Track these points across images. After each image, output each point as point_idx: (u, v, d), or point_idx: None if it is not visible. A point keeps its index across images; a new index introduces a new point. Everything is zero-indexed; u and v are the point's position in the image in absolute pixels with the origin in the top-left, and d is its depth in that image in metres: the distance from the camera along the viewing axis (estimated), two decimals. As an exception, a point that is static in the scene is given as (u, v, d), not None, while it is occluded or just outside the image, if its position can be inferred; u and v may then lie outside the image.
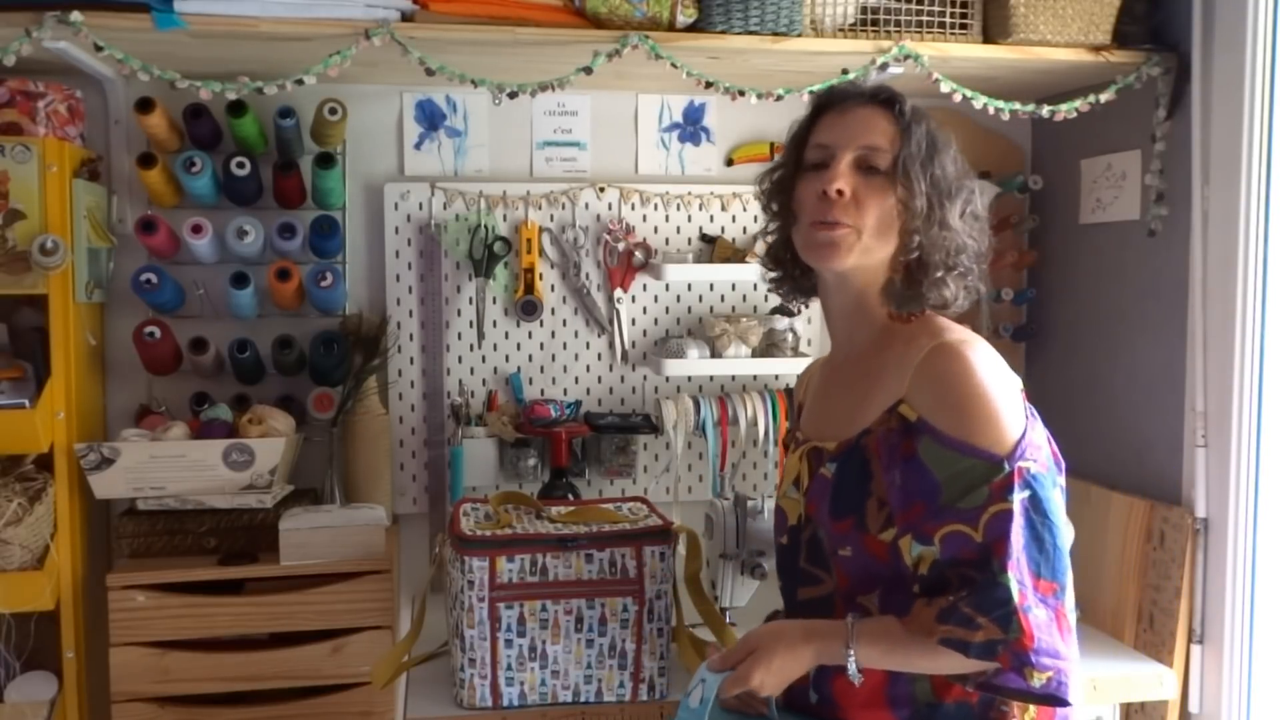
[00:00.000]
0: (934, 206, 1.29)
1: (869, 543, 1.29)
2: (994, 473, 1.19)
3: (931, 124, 1.34)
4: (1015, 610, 1.15)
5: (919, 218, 1.29)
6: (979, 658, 1.17)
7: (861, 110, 1.33)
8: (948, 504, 1.20)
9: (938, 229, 1.30)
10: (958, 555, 1.19)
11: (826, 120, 1.35)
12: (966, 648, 1.17)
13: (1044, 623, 1.17)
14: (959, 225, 1.31)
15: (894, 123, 1.31)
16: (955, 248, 1.31)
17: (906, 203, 1.29)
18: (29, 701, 1.95)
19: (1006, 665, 1.17)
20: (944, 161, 1.32)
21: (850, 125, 1.32)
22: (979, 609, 1.16)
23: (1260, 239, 1.87)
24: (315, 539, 1.92)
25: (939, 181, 1.30)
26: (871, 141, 1.30)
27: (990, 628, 1.16)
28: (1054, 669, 1.17)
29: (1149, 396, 2.15)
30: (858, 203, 1.29)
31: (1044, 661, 1.16)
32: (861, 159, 1.31)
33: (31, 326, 2.05)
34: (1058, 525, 1.22)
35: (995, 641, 1.16)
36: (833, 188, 1.29)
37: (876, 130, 1.31)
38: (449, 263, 2.28)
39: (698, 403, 2.29)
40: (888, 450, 1.26)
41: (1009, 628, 1.15)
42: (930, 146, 1.31)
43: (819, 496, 1.35)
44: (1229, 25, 1.89)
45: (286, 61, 1.90)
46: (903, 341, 1.31)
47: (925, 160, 1.30)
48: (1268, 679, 1.92)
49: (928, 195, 1.29)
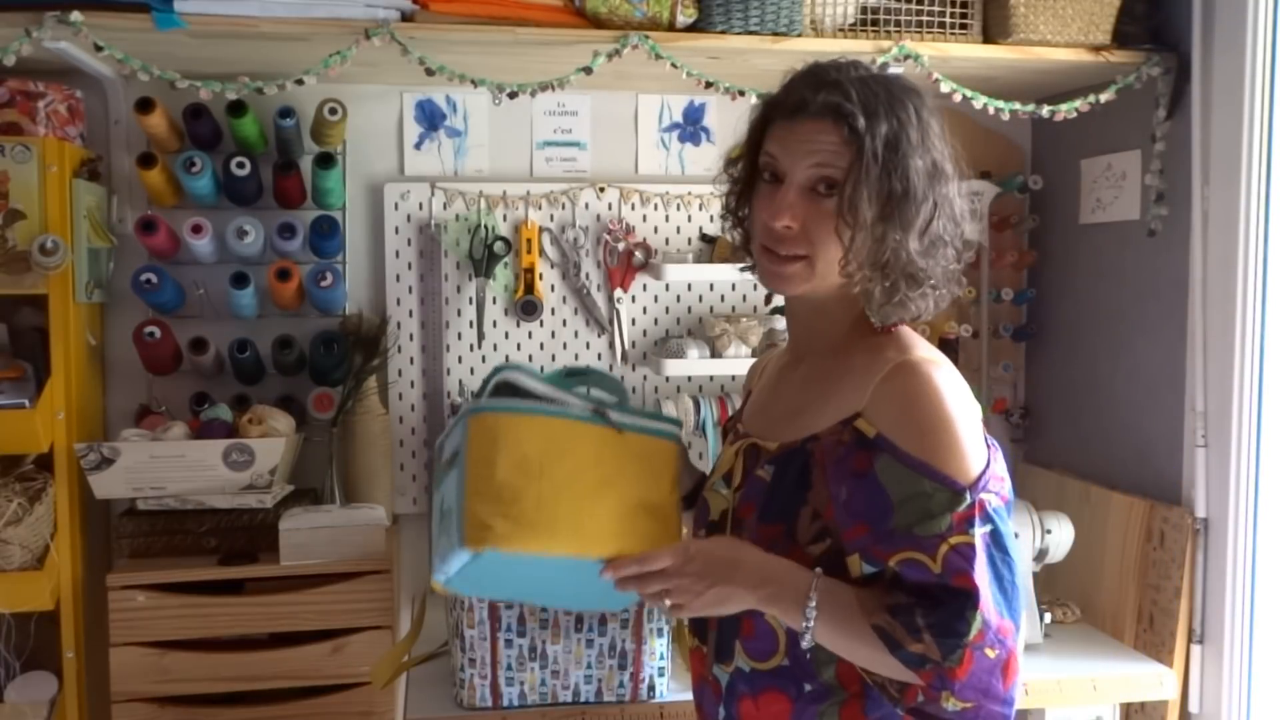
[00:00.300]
0: (885, 236, 1.17)
1: (795, 555, 1.20)
2: (956, 502, 1.13)
3: (899, 119, 1.17)
4: (965, 645, 1.10)
5: (861, 252, 1.18)
6: (904, 663, 1.12)
7: (809, 125, 1.18)
8: (901, 529, 1.13)
9: (889, 257, 1.18)
10: (919, 581, 1.13)
11: (777, 130, 1.22)
12: (896, 647, 1.12)
13: (989, 664, 1.12)
14: (916, 244, 1.18)
15: (845, 137, 1.16)
16: (914, 269, 1.19)
17: (846, 241, 1.16)
18: (29, 701, 1.95)
19: (927, 681, 1.12)
20: (906, 171, 1.16)
21: (797, 144, 1.19)
22: (932, 629, 1.11)
23: (1260, 239, 1.87)
24: (315, 539, 1.92)
25: (894, 202, 1.16)
26: (820, 160, 1.17)
27: (930, 647, 1.11)
28: (977, 703, 1.12)
29: (1149, 396, 2.15)
30: (808, 233, 1.18)
31: (966, 694, 1.11)
32: (812, 180, 1.18)
33: (31, 326, 2.05)
34: (1015, 562, 1.17)
35: (927, 659, 1.11)
36: (779, 224, 1.19)
37: (825, 147, 1.17)
38: (449, 263, 2.28)
39: (698, 403, 2.29)
40: (835, 463, 1.18)
41: (948, 656, 1.10)
42: (888, 161, 1.16)
43: (753, 499, 1.26)
44: (1229, 25, 1.89)
45: (286, 61, 1.90)
46: (865, 352, 1.23)
47: (881, 176, 1.15)
48: (1268, 679, 1.92)
49: (874, 225, 1.17)
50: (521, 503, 1.20)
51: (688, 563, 1.20)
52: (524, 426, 1.24)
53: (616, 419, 1.30)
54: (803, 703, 1.22)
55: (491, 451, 1.22)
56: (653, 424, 1.34)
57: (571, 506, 1.22)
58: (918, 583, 1.13)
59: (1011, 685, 1.15)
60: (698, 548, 1.23)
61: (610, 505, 1.24)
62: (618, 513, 1.24)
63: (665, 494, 1.31)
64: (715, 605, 1.20)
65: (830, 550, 1.19)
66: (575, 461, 1.24)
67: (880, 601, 1.15)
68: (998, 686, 1.13)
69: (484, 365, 2.30)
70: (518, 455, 1.22)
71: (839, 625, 1.16)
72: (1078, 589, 2.23)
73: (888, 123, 1.17)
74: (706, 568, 1.20)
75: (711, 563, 1.20)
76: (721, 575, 1.19)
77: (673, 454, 1.34)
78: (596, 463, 1.25)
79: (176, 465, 1.94)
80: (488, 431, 1.23)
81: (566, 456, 1.24)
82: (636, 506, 1.26)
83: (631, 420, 1.32)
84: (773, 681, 1.23)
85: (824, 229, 1.18)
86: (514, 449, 1.22)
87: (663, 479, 1.31)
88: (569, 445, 1.25)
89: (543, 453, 1.23)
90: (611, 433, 1.29)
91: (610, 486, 1.25)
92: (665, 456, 1.33)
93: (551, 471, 1.22)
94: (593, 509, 1.23)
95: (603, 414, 1.29)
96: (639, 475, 1.28)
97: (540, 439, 1.24)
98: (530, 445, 1.23)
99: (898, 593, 1.15)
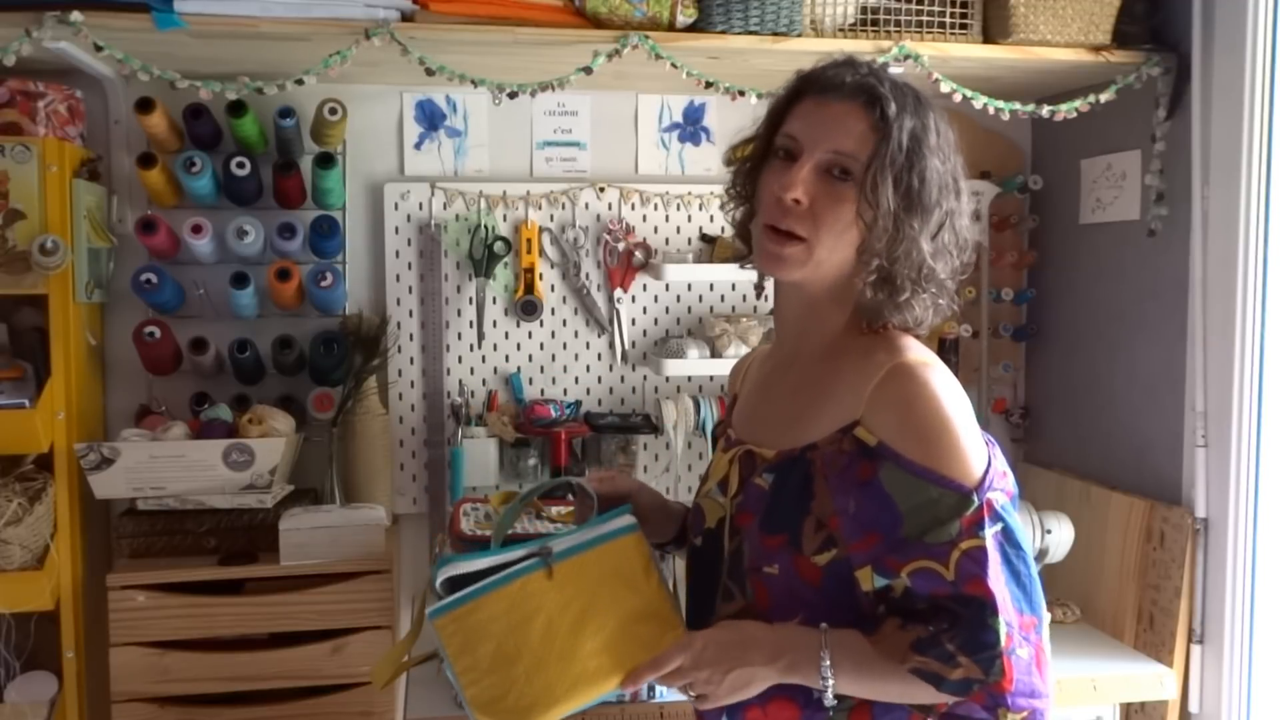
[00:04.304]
0: (902, 224, 1.16)
1: (799, 564, 1.19)
2: (964, 506, 1.12)
3: (923, 121, 1.19)
4: (1000, 654, 1.10)
5: (881, 237, 1.16)
6: (952, 693, 1.13)
7: (839, 106, 1.18)
8: (912, 538, 1.12)
9: (903, 248, 1.17)
10: (933, 592, 1.13)
11: (803, 108, 1.21)
12: (940, 682, 1.12)
13: (1025, 664, 1.12)
14: (928, 245, 1.18)
15: (872, 125, 1.16)
16: (924, 269, 1.19)
17: (869, 221, 1.16)
18: (29, 701, 1.95)
19: (980, 703, 1.12)
20: (924, 171, 1.17)
21: (823, 123, 1.18)
22: (963, 649, 1.11)
23: (1260, 239, 1.87)
24: (315, 539, 1.92)
25: (913, 194, 1.16)
26: (841, 146, 1.16)
27: (971, 668, 1.11)
28: (1029, 709, 1.12)
29: (1149, 396, 2.15)
30: (815, 214, 1.17)
31: (1019, 703, 1.11)
32: (828, 163, 1.17)
33: (31, 326, 2.05)
34: (1029, 555, 1.17)
35: (972, 681, 1.11)
36: (788, 195, 1.17)
37: (850, 133, 1.16)
38: (449, 263, 2.28)
39: (698, 403, 2.29)
40: (839, 474, 1.17)
41: (990, 670, 1.10)
42: (911, 153, 1.16)
43: (752, 508, 1.24)
44: (1229, 25, 1.89)
45: (286, 61, 1.90)
46: (858, 354, 1.21)
47: (902, 169, 1.15)
48: (1268, 679, 1.92)
49: (895, 214, 1.15)
50: (515, 689, 1.19)
51: (700, 655, 1.19)
52: (482, 610, 1.22)
53: (560, 549, 1.26)
54: (811, 710, 1.21)
55: (468, 650, 1.21)
56: (603, 529, 1.30)
57: (560, 665, 1.20)
58: (930, 594, 1.13)
59: (1047, 677, 1.15)
60: (704, 639, 1.21)
61: (597, 639, 1.22)
62: (607, 641, 1.22)
63: (646, 592, 1.27)
64: (739, 689, 1.19)
65: (837, 559, 1.18)
66: (544, 619, 1.22)
67: (902, 641, 1.14)
68: (1039, 684, 1.14)
69: (484, 365, 2.31)
70: (491, 645, 1.21)
71: (861, 674, 1.16)
72: (1078, 589, 2.23)
73: (915, 119, 1.18)
74: (719, 656, 1.19)
75: (723, 650, 1.19)
76: (736, 659, 1.18)
77: (635, 546, 1.29)
78: (564, 606, 1.23)
79: (176, 465, 1.94)
80: (455, 633, 1.22)
81: (534, 619, 1.22)
82: (626, 621, 1.24)
83: (578, 540, 1.28)
84: (781, 689, 1.21)
85: (830, 213, 1.17)
86: (485, 640, 1.21)
87: (637, 578, 1.27)
88: (532, 607, 1.23)
89: (510, 628, 1.21)
90: (570, 564, 1.26)
91: (589, 621, 1.23)
92: (630, 554, 1.29)
93: (527, 643, 1.21)
94: (580, 654, 1.21)
95: (546, 554, 1.26)
96: (613, 591, 1.26)
97: (503, 615, 1.22)
98: (496, 627, 1.21)
99: (913, 625, 1.14)
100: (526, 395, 2.32)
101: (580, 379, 2.35)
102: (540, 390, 2.34)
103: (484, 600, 1.23)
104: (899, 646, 1.14)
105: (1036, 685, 1.13)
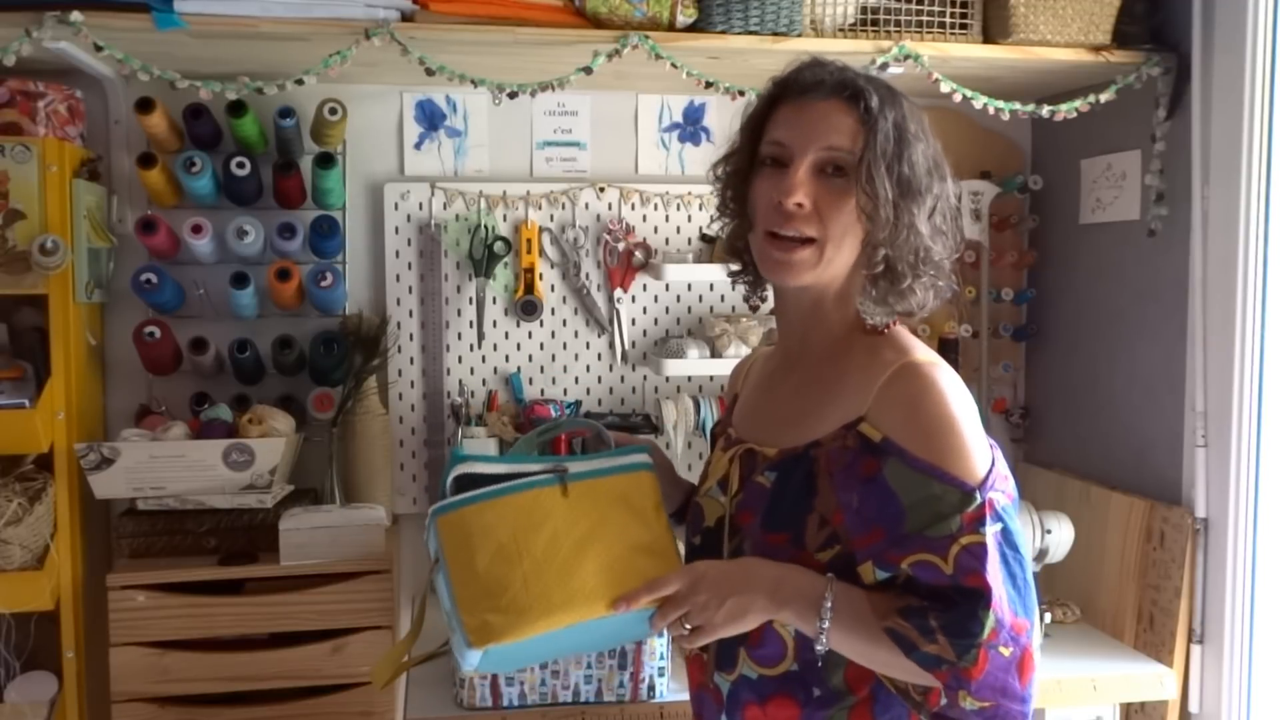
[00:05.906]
0: (900, 212, 1.18)
1: (802, 561, 1.19)
2: (966, 502, 1.13)
3: (901, 110, 1.21)
4: (979, 645, 1.10)
5: (884, 227, 1.18)
6: (919, 664, 1.12)
7: (822, 105, 1.20)
8: (913, 532, 1.13)
9: (904, 235, 1.19)
10: (932, 583, 1.13)
11: (784, 113, 1.23)
12: (911, 649, 1.12)
13: (1003, 662, 1.12)
14: (925, 228, 1.20)
15: (858, 119, 1.18)
16: (923, 252, 1.21)
17: (870, 212, 1.18)
18: (29, 701, 1.95)
19: (944, 682, 1.12)
20: (913, 157, 1.19)
21: (810, 124, 1.20)
22: (945, 629, 1.11)
23: (1260, 239, 1.87)
24: (315, 539, 1.92)
25: (906, 182, 1.18)
26: (833, 142, 1.18)
27: (945, 648, 1.11)
28: (995, 703, 1.12)
29: (1149, 396, 2.15)
30: (819, 214, 1.18)
31: (984, 693, 1.11)
32: (822, 162, 1.19)
33: (31, 326, 2.05)
34: (1026, 559, 1.17)
35: (943, 660, 1.11)
36: (790, 201, 1.18)
37: (839, 129, 1.18)
38: (449, 263, 2.28)
39: (698, 403, 2.29)
40: (843, 469, 1.17)
41: (963, 656, 1.10)
42: (898, 141, 1.18)
43: (753, 506, 1.24)
44: (1229, 25, 1.89)
45: (286, 61, 1.90)
46: (863, 353, 1.23)
47: (893, 159, 1.18)
48: (1268, 679, 1.92)
49: (894, 201, 1.17)
50: (510, 590, 1.19)
51: (699, 581, 1.19)
52: (491, 512, 1.23)
53: (576, 470, 1.27)
54: (812, 708, 1.21)
55: (467, 549, 1.21)
56: (620, 460, 1.31)
57: (559, 577, 1.20)
58: (931, 585, 1.13)
59: (1029, 682, 1.15)
60: (705, 566, 1.22)
61: (599, 560, 1.22)
62: (608, 564, 1.22)
63: (654, 527, 1.28)
64: (735, 618, 1.18)
65: (840, 556, 1.18)
66: (551, 529, 1.22)
67: (892, 605, 1.14)
68: (1015, 684, 1.13)
69: (484, 365, 2.31)
70: (493, 545, 1.21)
71: (853, 629, 1.15)
72: (1078, 589, 2.23)
73: (895, 109, 1.21)
74: (719, 583, 1.18)
75: (723, 577, 1.19)
76: (735, 586, 1.18)
77: (648, 483, 1.31)
78: (573, 523, 1.23)
79: (176, 465, 1.94)
80: (458, 530, 1.22)
81: (541, 528, 1.22)
82: (628, 550, 1.24)
83: (594, 466, 1.29)
84: (781, 687, 1.22)
85: (833, 210, 1.19)
86: (488, 540, 1.21)
87: (647, 513, 1.28)
88: (540, 516, 1.23)
89: (516, 533, 1.21)
90: (584, 485, 1.26)
91: (594, 541, 1.23)
92: (642, 489, 1.30)
93: (530, 548, 1.21)
94: (580, 570, 1.21)
95: (561, 472, 1.27)
96: (621, 519, 1.26)
97: (510, 520, 1.22)
98: (502, 529, 1.21)
99: (909, 596, 1.14)
100: (526, 395, 2.32)
101: (580, 379, 2.36)
102: (540, 390, 2.34)
103: (495, 503, 1.23)
104: (888, 607, 1.14)
105: (1011, 685, 1.13)
